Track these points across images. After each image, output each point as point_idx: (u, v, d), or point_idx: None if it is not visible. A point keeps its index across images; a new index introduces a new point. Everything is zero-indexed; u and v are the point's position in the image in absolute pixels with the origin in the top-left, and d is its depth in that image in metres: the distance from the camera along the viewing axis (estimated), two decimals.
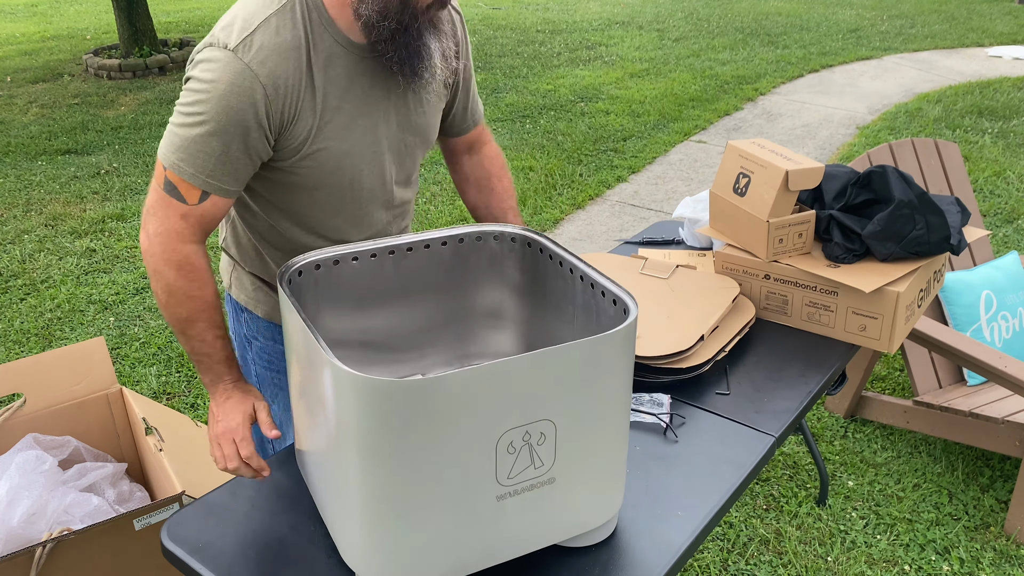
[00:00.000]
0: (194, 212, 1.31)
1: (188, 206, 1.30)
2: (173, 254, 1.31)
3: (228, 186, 1.31)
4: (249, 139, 1.28)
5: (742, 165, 1.78)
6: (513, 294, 1.36)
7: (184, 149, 1.27)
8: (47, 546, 1.60)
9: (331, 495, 1.07)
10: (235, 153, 1.28)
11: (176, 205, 1.30)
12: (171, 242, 1.31)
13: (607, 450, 1.09)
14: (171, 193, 1.30)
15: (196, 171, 1.28)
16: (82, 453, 2.07)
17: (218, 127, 1.25)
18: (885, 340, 1.67)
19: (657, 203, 4.69)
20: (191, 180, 1.28)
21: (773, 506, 2.46)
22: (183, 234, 1.31)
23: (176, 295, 1.32)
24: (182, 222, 1.31)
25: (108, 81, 7.39)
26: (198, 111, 1.26)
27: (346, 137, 1.36)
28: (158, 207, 1.31)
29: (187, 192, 1.29)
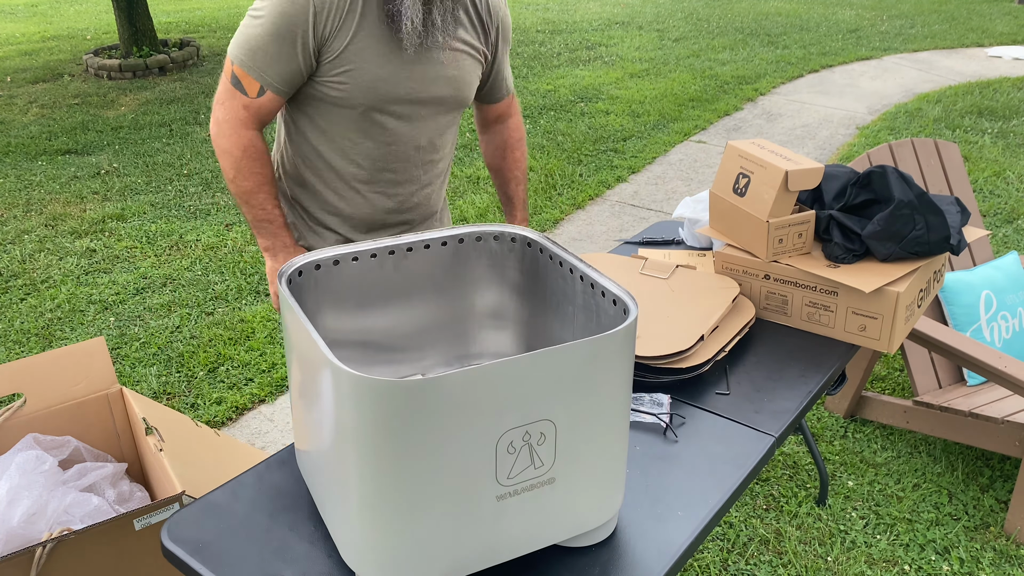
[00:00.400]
0: (253, 104, 1.56)
1: (249, 98, 1.56)
2: (239, 138, 1.58)
3: (280, 85, 1.55)
4: (298, 44, 1.51)
5: (742, 165, 1.78)
6: (513, 294, 1.36)
7: (247, 46, 1.53)
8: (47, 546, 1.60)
9: (331, 495, 1.07)
10: (287, 55, 1.52)
11: (240, 96, 1.56)
12: (237, 127, 1.58)
13: (607, 450, 1.09)
14: (236, 85, 1.56)
15: (255, 66, 1.53)
16: (82, 453, 2.07)
17: (275, 30, 1.49)
18: (885, 340, 1.67)
19: (657, 203, 4.69)
20: (251, 74, 1.54)
21: (773, 506, 2.46)
22: (246, 121, 1.58)
23: (243, 171, 1.60)
24: (244, 112, 1.57)
25: (108, 81, 7.39)
26: (261, 14, 1.51)
27: (383, 64, 1.56)
28: (225, 97, 1.58)
29: (248, 85, 1.55)
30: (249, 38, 1.52)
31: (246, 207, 1.65)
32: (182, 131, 6.01)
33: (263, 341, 3.34)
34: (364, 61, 1.55)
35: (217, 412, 2.92)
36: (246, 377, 3.12)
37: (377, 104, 1.60)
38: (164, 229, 4.41)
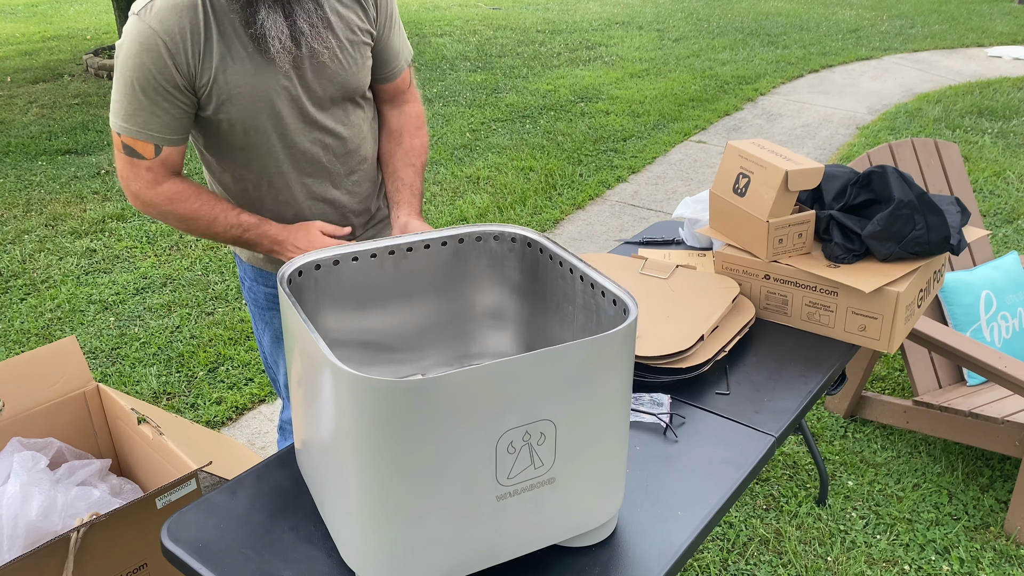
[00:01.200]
0: (155, 163, 1.52)
1: (148, 160, 1.52)
2: (160, 194, 1.54)
3: (171, 135, 1.52)
4: (167, 90, 1.47)
5: (742, 165, 1.78)
6: (513, 294, 1.36)
7: (123, 112, 1.49)
8: (81, 531, 1.69)
9: (331, 495, 1.07)
10: (163, 105, 1.48)
11: (138, 163, 1.52)
12: (152, 190, 1.54)
13: (607, 450, 1.09)
14: (131, 155, 1.52)
15: (141, 128, 1.49)
16: (64, 453, 2.09)
17: (141, 85, 1.46)
18: (885, 340, 1.67)
19: (657, 203, 4.69)
20: (139, 137, 1.50)
21: (773, 506, 2.46)
22: (157, 179, 1.54)
23: (186, 216, 1.56)
24: (149, 173, 1.53)
25: (108, 81, 7.39)
26: (122, 75, 1.47)
27: (257, 85, 1.51)
28: (127, 170, 1.53)
29: (142, 149, 1.51)
30: (122, 103, 1.48)
31: (220, 238, 1.60)
32: None
33: None
34: (238, 87, 1.50)
35: (217, 412, 2.92)
36: (246, 377, 3.12)
37: (265, 122, 1.55)
38: (164, 229, 4.41)
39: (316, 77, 1.57)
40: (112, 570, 1.79)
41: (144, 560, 1.84)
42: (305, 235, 1.61)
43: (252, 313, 1.89)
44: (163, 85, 1.46)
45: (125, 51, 1.45)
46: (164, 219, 1.57)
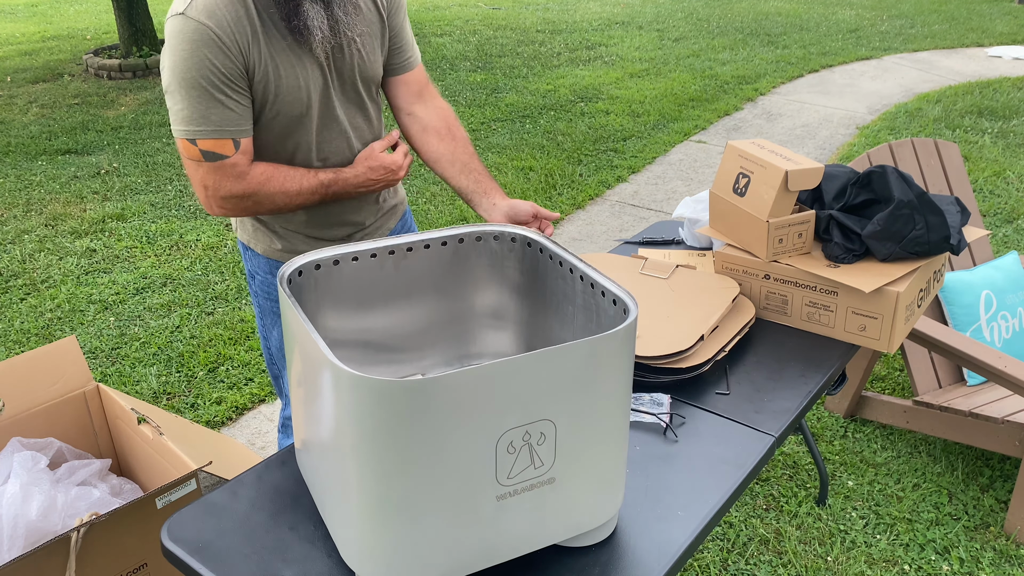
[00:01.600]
0: (239, 158, 1.51)
1: (231, 158, 1.50)
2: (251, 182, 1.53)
3: (244, 126, 1.51)
4: (229, 82, 1.46)
5: (742, 165, 1.78)
6: (513, 294, 1.36)
7: (192, 119, 1.47)
8: (81, 530, 1.69)
9: (331, 495, 1.07)
10: (231, 97, 1.47)
11: (223, 165, 1.50)
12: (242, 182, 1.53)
13: (607, 450, 1.09)
14: (212, 158, 1.50)
15: (216, 127, 1.47)
16: (64, 453, 2.09)
17: (206, 81, 1.44)
18: (885, 340, 1.67)
19: (657, 203, 4.69)
20: (218, 136, 1.48)
21: (773, 506, 2.46)
22: (244, 170, 1.52)
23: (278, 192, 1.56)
24: (235, 168, 1.51)
25: (108, 81, 7.39)
26: (183, 79, 1.44)
27: (297, 76, 1.53)
28: (212, 176, 1.51)
29: (223, 147, 1.49)
30: (188, 112, 1.46)
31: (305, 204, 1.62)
32: None
33: None
34: (282, 79, 1.52)
35: (217, 412, 2.92)
36: (246, 377, 3.12)
37: (301, 114, 1.58)
38: (164, 229, 4.41)
39: (344, 67, 1.61)
40: (112, 570, 1.79)
41: (144, 560, 1.84)
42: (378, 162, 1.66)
43: (261, 309, 1.86)
44: (227, 76, 1.45)
45: (179, 53, 1.43)
46: (255, 207, 1.56)
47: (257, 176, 1.55)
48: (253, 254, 1.81)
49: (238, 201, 1.56)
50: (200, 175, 1.52)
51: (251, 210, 1.59)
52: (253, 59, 1.48)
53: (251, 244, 1.80)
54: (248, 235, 1.79)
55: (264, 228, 1.75)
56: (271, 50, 1.50)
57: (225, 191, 1.53)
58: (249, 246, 1.81)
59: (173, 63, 1.44)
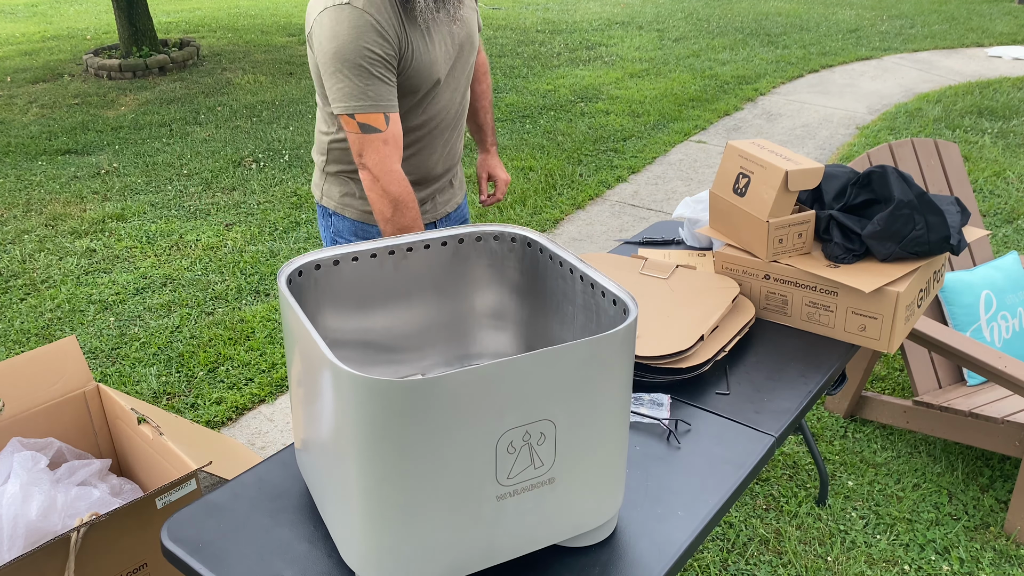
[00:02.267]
0: (389, 134, 1.67)
1: (382, 132, 1.67)
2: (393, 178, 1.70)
3: (394, 101, 1.68)
4: (385, 62, 1.64)
5: (742, 165, 1.78)
6: (513, 294, 1.36)
7: (353, 95, 1.64)
8: (81, 531, 1.70)
9: (331, 495, 1.07)
10: (382, 75, 1.64)
11: (375, 137, 1.67)
12: (389, 167, 1.69)
13: (607, 450, 1.09)
14: (367, 131, 1.66)
15: (372, 102, 1.64)
16: (64, 453, 2.09)
17: (364, 61, 1.61)
18: (885, 340, 1.67)
19: (657, 203, 4.69)
20: (373, 110, 1.64)
21: (773, 506, 2.46)
22: (391, 157, 1.69)
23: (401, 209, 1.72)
24: (386, 146, 1.68)
25: (108, 81, 7.39)
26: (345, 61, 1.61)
27: (431, 48, 1.72)
28: (366, 146, 1.68)
29: (376, 121, 1.66)
30: (351, 88, 1.64)
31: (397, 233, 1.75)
32: (182, 131, 6.01)
33: (263, 341, 3.34)
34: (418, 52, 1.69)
35: (217, 412, 2.92)
36: (246, 377, 3.12)
37: (430, 84, 1.75)
38: (164, 229, 4.41)
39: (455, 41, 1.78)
40: (112, 570, 1.79)
41: (144, 560, 1.84)
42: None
43: None
44: (381, 57, 1.63)
45: (343, 35, 1.60)
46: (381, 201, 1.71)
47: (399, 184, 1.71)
48: (340, 219, 1.93)
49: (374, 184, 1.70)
50: (357, 145, 1.69)
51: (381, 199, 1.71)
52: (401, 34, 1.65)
53: (339, 209, 1.92)
54: (335, 202, 1.92)
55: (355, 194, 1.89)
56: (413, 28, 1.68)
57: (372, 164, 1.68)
58: (336, 211, 1.93)
59: (336, 46, 1.61)
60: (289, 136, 5.84)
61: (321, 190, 1.96)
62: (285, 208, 4.64)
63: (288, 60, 8.02)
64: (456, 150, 1.96)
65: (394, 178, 1.70)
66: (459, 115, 1.90)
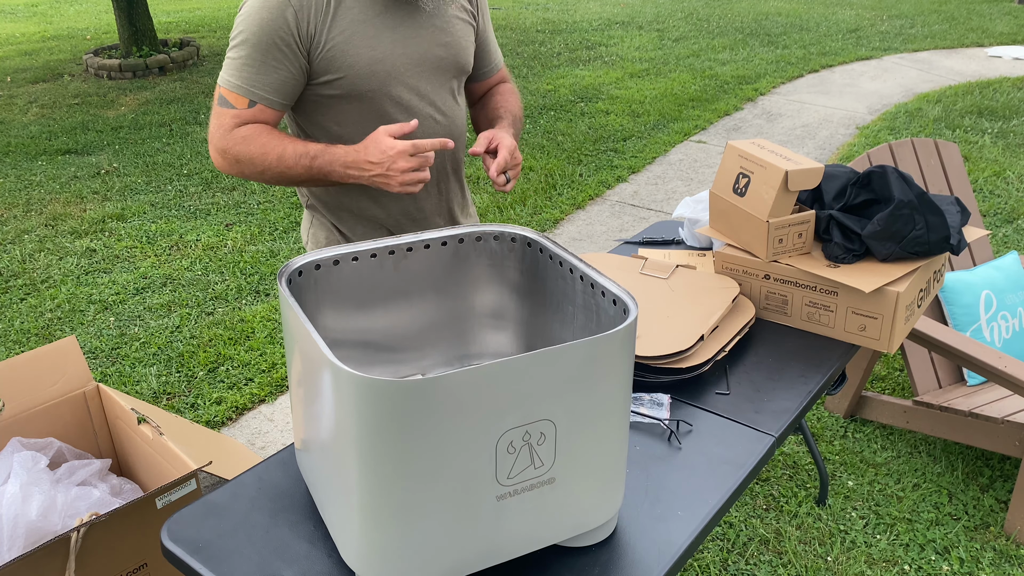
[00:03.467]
0: (243, 115, 1.53)
1: (237, 110, 1.53)
2: (233, 137, 1.53)
3: (272, 96, 1.53)
4: (285, 48, 1.49)
5: (742, 165, 1.78)
6: (513, 294, 1.36)
7: (231, 68, 1.52)
8: (81, 531, 1.70)
9: (331, 495, 1.07)
10: (273, 63, 1.50)
11: (227, 112, 1.53)
12: (228, 134, 1.53)
13: (607, 450, 1.09)
14: (223, 104, 1.54)
15: (242, 83, 1.51)
16: (64, 453, 2.09)
17: (257, 41, 1.48)
18: (885, 340, 1.67)
19: (657, 203, 4.69)
20: (237, 91, 1.52)
21: (773, 506, 2.46)
22: (232, 126, 1.53)
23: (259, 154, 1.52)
24: (233, 120, 1.53)
25: (108, 81, 7.39)
26: (239, 31, 1.50)
27: (375, 46, 1.53)
28: (214, 118, 1.55)
29: (235, 100, 1.52)
30: (234, 61, 1.52)
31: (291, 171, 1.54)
32: (182, 131, 6.01)
33: (263, 341, 3.34)
34: (356, 47, 1.52)
35: (217, 412, 2.92)
36: (246, 377, 3.12)
37: (381, 88, 1.55)
38: (164, 229, 4.41)
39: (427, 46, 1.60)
40: (112, 570, 1.79)
41: (144, 560, 1.84)
42: (375, 145, 1.48)
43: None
44: (281, 42, 1.48)
45: (247, 9, 1.49)
46: (239, 167, 1.55)
47: (241, 132, 1.53)
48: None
49: (222, 156, 1.55)
50: (211, 118, 1.57)
51: (235, 168, 1.55)
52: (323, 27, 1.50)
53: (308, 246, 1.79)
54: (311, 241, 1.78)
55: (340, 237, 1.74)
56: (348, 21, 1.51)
57: (215, 140, 1.55)
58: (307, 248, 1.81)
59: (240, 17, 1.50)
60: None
61: (308, 233, 1.79)
62: (285, 208, 4.64)
63: None
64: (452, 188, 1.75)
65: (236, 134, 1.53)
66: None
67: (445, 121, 1.67)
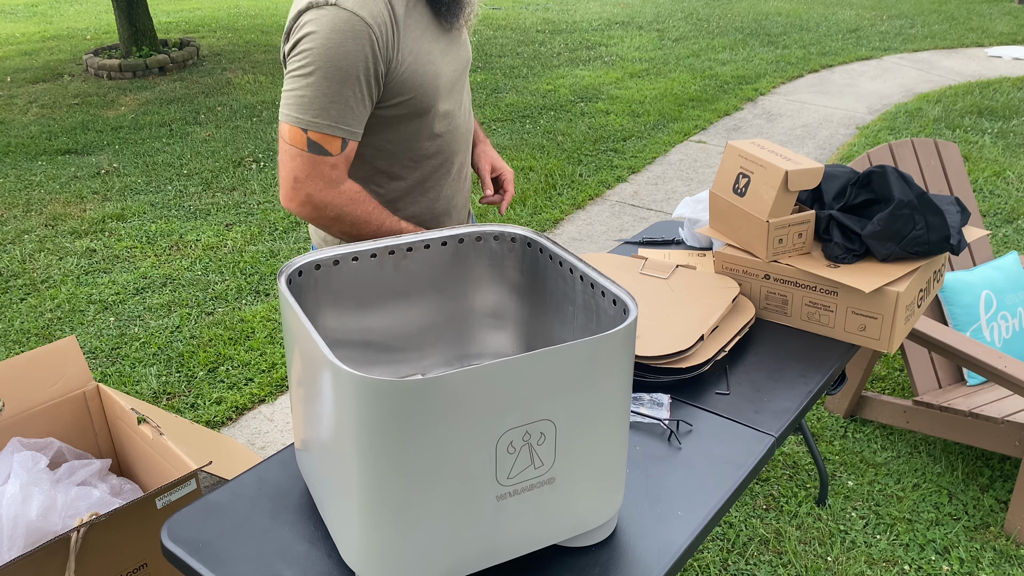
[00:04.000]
0: (340, 160, 1.47)
1: (334, 157, 1.46)
2: (340, 196, 1.48)
3: (357, 129, 1.47)
4: (366, 80, 1.43)
5: (742, 165, 1.78)
6: (513, 294, 1.36)
7: (313, 106, 1.41)
8: (81, 531, 1.69)
9: (331, 495, 1.07)
10: (359, 96, 1.43)
11: (324, 161, 1.45)
12: (332, 190, 1.47)
13: (607, 450, 1.09)
14: (316, 151, 1.45)
15: (332, 122, 1.43)
16: (64, 453, 2.09)
17: (340, 76, 1.40)
18: (885, 340, 1.67)
19: (657, 203, 4.69)
20: (330, 132, 1.43)
21: (773, 506, 2.46)
22: (338, 179, 1.48)
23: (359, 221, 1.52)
24: (334, 171, 1.47)
25: (108, 81, 7.39)
26: (312, 67, 1.40)
27: (433, 61, 1.52)
28: (306, 168, 1.45)
29: (330, 144, 1.45)
30: (312, 97, 1.41)
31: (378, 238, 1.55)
32: (182, 131, 6.01)
33: (263, 341, 3.34)
34: (422, 66, 1.50)
35: (217, 412, 2.92)
36: (246, 377, 3.12)
37: (436, 103, 1.55)
38: (164, 229, 4.41)
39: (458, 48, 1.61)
40: (112, 570, 1.79)
41: (144, 560, 1.84)
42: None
43: None
44: (362, 74, 1.41)
45: (323, 40, 1.38)
46: (334, 225, 1.50)
47: (348, 192, 1.49)
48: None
49: (315, 210, 1.49)
50: (295, 165, 1.45)
51: (326, 222, 1.51)
52: (395, 47, 1.45)
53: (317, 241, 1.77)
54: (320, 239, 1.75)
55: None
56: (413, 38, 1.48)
57: (310, 190, 1.46)
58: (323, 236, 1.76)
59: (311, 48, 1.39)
60: None
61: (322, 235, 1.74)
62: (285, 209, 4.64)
63: None
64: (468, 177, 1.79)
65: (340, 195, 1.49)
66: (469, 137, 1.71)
67: (466, 121, 1.69)
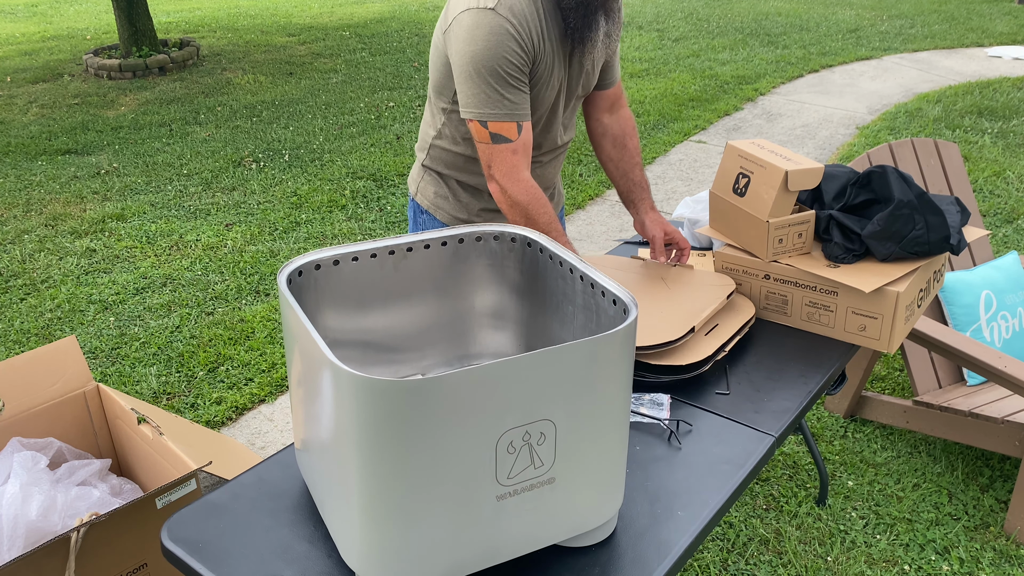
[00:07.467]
0: (520, 144, 1.66)
1: (512, 142, 1.66)
2: (521, 186, 1.67)
3: (527, 110, 1.66)
4: (520, 71, 1.63)
5: (742, 165, 1.78)
6: (513, 294, 1.36)
7: (488, 102, 1.63)
8: (81, 531, 1.69)
9: (331, 495, 1.07)
10: (517, 84, 1.63)
11: (506, 148, 1.66)
12: (516, 176, 1.67)
13: (607, 450, 1.09)
14: (498, 140, 1.65)
15: (505, 111, 1.63)
16: (64, 453, 2.09)
17: (501, 69, 1.61)
18: (885, 340, 1.67)
19: (657, 203, 4.69)
20: (505, 119, 1.64)
21: (773, 506, 2.46)
22: (519, 167, 1.67)
23: (533, 217, 1.68)
24: (514, 157, 1.66)
25: (108, 81, 7.39)
26: (473, 63, 1.61)
27: (554, 72, 1.72)
28: (495, 157, 1.67)
29: (508, 131, 1.65)
30: (486, 94, 1.62)
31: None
32: (182, 131, 6.01)
33: (263, 341, 3.34)
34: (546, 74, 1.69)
35: (217, 412, 2.92)
36: (246, 377, 3.12)
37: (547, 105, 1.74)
38: (164, 229, 4.41)
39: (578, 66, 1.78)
40: (112, 570, 1.79)
41: (144, 560, 1.84)
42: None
43: None
44: (518, 68, 1.62)
45: (484, 41, 1.59)
46: (512, 210, 1.69)
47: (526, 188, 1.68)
48: (430, 218, 1.92)
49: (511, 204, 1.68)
50: (486, 154, 1.67)
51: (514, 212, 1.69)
52: (537, 52, 1.65)
53: (431, 209, 1.91)
54: (428, 201, 1.91)
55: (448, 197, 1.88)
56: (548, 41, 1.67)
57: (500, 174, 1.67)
58: (427, 210, 1.92)
59: (473, 50, 1.60)
60: (289, 136, 5.84)
61: (417, 186, 1.95)
62: (285, 208, 4.64)
63: (288, 60, 8.02)
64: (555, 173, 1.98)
65: (522, 187, 1.67)
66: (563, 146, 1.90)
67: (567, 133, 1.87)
